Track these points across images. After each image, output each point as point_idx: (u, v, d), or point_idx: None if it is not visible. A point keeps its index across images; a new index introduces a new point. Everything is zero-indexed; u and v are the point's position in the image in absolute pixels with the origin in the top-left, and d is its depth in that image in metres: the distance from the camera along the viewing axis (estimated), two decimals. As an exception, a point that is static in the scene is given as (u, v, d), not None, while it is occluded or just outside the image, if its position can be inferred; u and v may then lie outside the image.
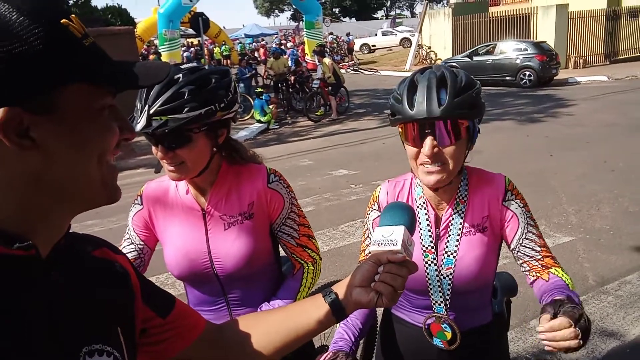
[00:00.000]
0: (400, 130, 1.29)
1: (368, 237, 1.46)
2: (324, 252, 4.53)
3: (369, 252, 1.44)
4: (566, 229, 4.76)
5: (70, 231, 0.69)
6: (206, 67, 1.38)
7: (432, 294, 1.36)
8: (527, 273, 1.35)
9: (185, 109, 1.24)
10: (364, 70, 22.89)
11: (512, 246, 1.34)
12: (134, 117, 1.27)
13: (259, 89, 12.00)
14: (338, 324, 1.42)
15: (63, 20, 0.58)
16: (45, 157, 0.57)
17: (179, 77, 1.28)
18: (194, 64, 1.38)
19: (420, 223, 1.36)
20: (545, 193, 5.72)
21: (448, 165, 1.24)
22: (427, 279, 1.35)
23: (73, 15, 0.60)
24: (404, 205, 0.99)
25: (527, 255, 1.32)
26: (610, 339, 3.07)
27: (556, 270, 1.31)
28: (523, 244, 1.32)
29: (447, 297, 1.34)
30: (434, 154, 1.22)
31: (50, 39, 0.55)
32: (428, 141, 1.22)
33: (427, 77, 1.25)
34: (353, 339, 1.39)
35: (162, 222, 1.46)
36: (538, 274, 1.33)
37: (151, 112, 1.24)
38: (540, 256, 1.32)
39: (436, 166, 1.24)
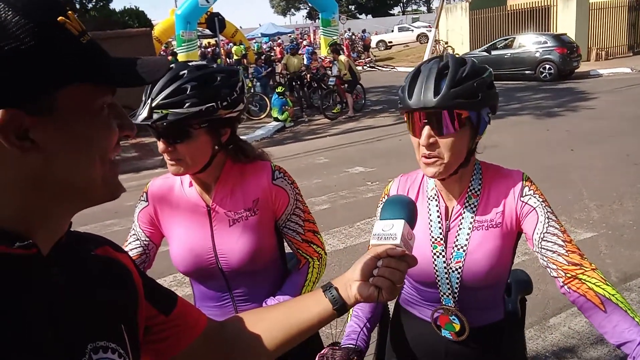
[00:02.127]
0: (405, 119, 1.29)
1: None
2: (339, 250, 4.54)
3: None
4: (588, 225, 4.66)
5: (72, 230, 0.69)
6: (214, 65, 1.39)
7: (440, 286, 1.34)
8: (556, 275, 1.21)
9: (186, 105, 1.26)
10: (380, 66, 22.77)
11: (534, 243, 1.24)
12: (135, 113, 1.29)
13: (281, 88, 12.01)
14: (350, 315, 1.43)
15: (59, 18, 0.57)
16: (46, 158, 0.57)
17: (184, 73, 1.29)
18: (202, 62, 1.39)
19: (430, 215, 1.35)
20: (566, 188, 5.61)
21: (445, 155, 1.23)
22: (435, 270, 1.33)
23: (70, 12, 0.59)
24: (404, 199, 0.98)
25: (551, 251, 1.21)
26: (633, 336, 2.99)
27: (601, 288, 1.14)
28: (545, 239, 1.22)
29: (456, 291, 1.32)
30: (430, 144, 1.22)
31: (46, 37, 0.55)
32: (425, 130, 1.22)
33: (430, 66, 1.24)
34: (366, 332, 1.40)
35: (168, 218, 1.47)
36: (570, 281, 1.18)
37: (153, 105, 1.26)
38: (564, 251, 1.20)
39: (434, 157, 1.23)
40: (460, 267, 1.30)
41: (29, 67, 0.54)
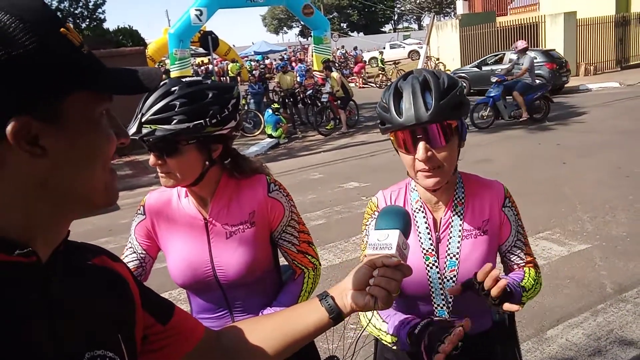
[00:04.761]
0: (391, 138, 1.30)
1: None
2: (335, 265, 4.53)
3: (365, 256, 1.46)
4: (582, 237, 4.68)
5: (70, 239, 0.69)
6: (209, 82, 1.40)
7: (434, 298, 1.35)
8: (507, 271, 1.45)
9: (174, 121, 1.28)
10: (371, 83, 22.99)
11: (500, 250, 1.42)
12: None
13: (276, 105, 12.08)
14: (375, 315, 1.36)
15: (62, 29, 0.60)
16: (52, 164, 0.59)
17: (175, 89, 1.31)
18: (197, 78, 1.40)
19: (418, 227, 1.37)
20: (559, 201, 5.64)
21: (443, 166, 1.25)
22: (429, 282, 1.34)
23: (68, 24, 0.62)
24: (399, 209, 1.00)
25: (512, 261, 1.43)
26: (630, 347, 2.99)
27: (528, 269, 1.41)
28: (511, 251, 1.41)
29: (450, 301, 1.33)
30: (428, 158, 1.23)
31: (51, 46, 0.57)
32: (421, 146, 1.22)
33: (410, 82, 1.26)
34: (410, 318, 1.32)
35: (165, 231, 1.48)
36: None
37: (143, 120, 1.29)
38: (523, 262, 1.42)
39: (433, 169, 1.25)
40: (454, 276, 1.32)
41: (38, 75, 0.56)
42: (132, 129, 1.29)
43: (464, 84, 16.17)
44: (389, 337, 1.33)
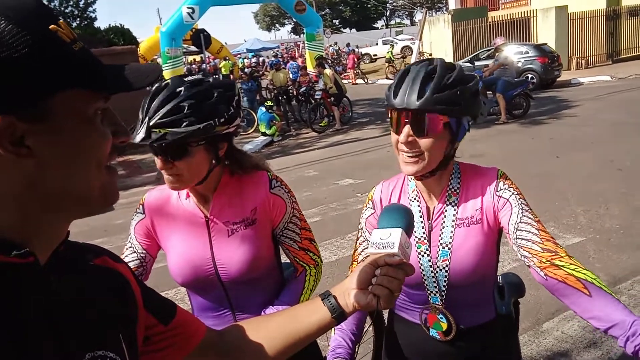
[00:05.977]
0: (389, 115, 1.32)
1: (361, 235, 1.49)
2: (332, 262, 4.53)
3: (363, 250, 1.47)
4: (575, 230, 4.72)
5: (71, 240, 0.69)
6: (210, 80, 1.39)
7: (427, 285, 1.36)
8: (531, 263, 1.20)
9: (184, 124, 1.26)
10: (367, 79, 23.02)
11: (510, 234, 1.26)
12: (133, 128, 1.29)
13: (269, 102, 12.06)
14: (333, 330, 1.42)
15: (52, 26, 0.58)
16: (41, 164, 0.57)
17: (181, 91, 1.29)
18: (199, 77, 1.39)
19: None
20: (553, 194, 5.68)
21: (424, 155, 1.26)
22: (421, 270, 1.36)
23: (61, 20, 0.60)
24: (402, 207, 0.99)
25: (525, 239, 1.22)
26: (625, 339, 3.02)
27: (581, 272, 1.14)
28: (519, 228, 1.24)
29: (443, 289, 1.34)
30: (408, 142, 1.26)
31: (38, 45, 0.56)
32: (405, 129, 1.26)
33: (418, 69, 1.28)
34: (351, 345, 1.40)
35: (165, 230, 1.47)
36: (547, 267, 1.17)
37: (151, 124, 1.26)
38: (539, 239, 1.21)
39: (412, 156, 1.27)
40: (447, 265, 1.33)
41: (23, 74, 0.54)
42: (140, 134, 1.26)
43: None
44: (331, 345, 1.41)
